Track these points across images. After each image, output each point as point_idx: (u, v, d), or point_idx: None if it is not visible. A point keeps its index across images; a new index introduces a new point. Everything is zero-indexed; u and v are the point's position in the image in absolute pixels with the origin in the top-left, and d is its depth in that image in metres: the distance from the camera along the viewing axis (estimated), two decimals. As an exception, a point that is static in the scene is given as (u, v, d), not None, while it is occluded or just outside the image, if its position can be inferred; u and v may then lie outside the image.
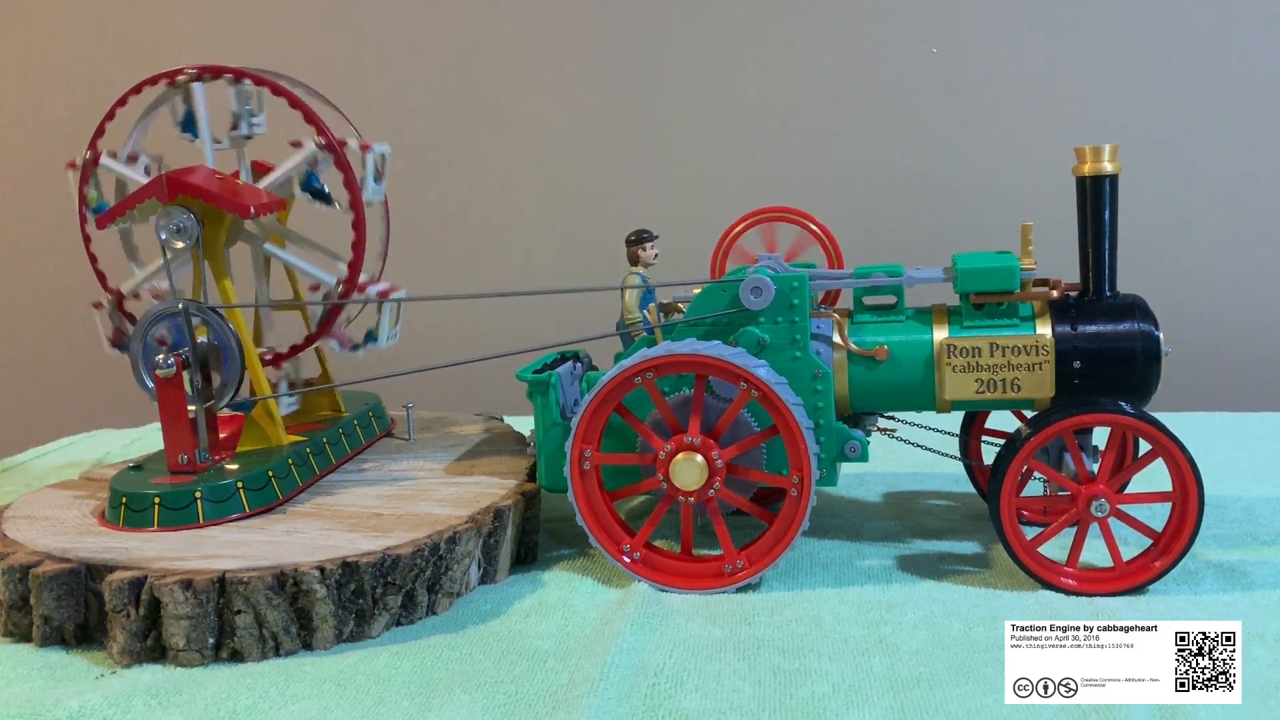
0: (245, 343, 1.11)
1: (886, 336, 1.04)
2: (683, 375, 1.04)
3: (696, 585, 1.02)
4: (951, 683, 0.83)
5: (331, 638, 0.93)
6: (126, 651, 0.91)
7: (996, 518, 0.99)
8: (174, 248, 1.09)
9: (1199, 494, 0.96)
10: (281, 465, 1.10)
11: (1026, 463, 0.99)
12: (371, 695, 0.85)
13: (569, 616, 0.98)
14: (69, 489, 1.17)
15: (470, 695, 0.85)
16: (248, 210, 1.08)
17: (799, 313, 1.02)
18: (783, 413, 0.98)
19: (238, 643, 0.91)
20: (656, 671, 0.86)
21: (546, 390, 1.08)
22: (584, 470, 1.03)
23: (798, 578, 1.04)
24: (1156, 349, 1.00)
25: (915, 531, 1.16)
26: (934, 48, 1.75)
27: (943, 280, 1.06)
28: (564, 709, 0.81)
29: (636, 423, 1.04)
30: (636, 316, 1.12)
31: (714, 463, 1.00)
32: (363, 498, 1.10)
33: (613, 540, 1.04)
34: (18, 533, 1.02)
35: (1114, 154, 1.01)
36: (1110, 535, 0.98)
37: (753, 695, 0.83)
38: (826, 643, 0.91)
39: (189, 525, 1.02)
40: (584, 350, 1.20)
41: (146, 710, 0.84)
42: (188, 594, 0.89)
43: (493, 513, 1.04)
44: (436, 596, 0.99)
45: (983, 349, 1.02)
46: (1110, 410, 0.97)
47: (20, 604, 0.95)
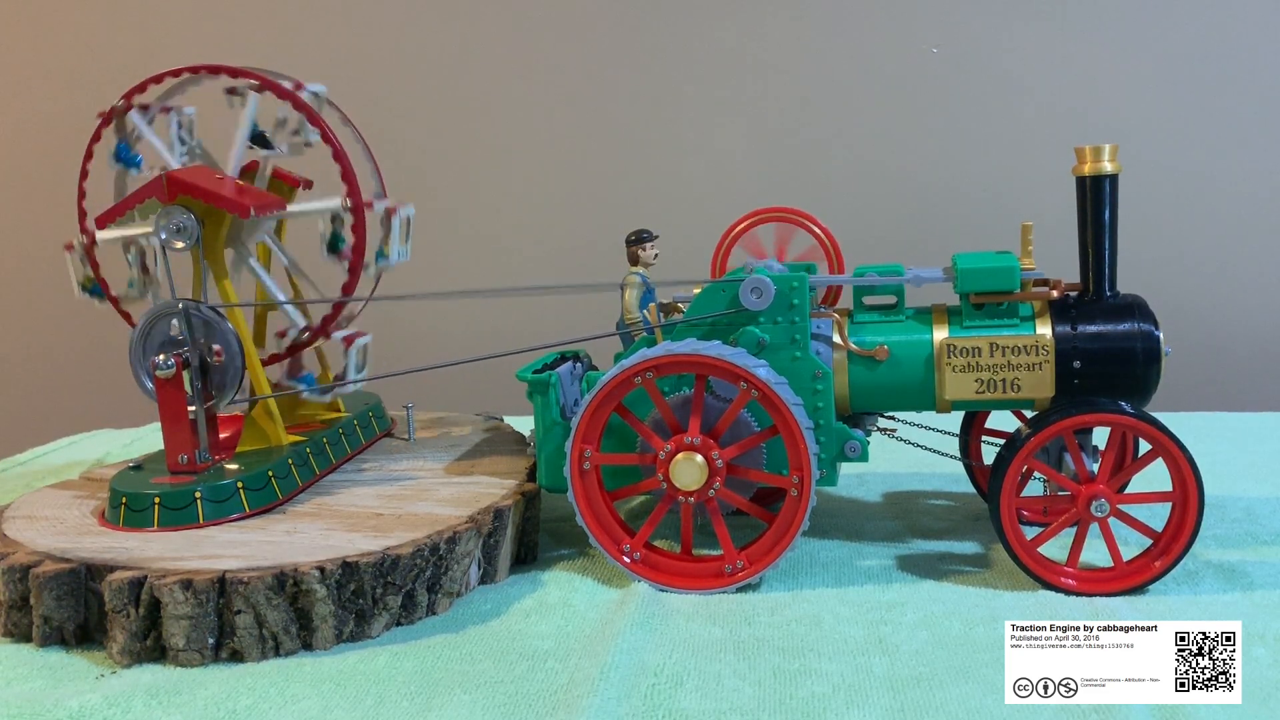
0: (245, 343, 1.11)
1: (886, 336, 1.04)
2: (683, 375, 1.04)
3: (696, 585, 1.02)
4: (951, 683, 0.83)
5: (331, 638, 0.93)
6: (126, 651, 0.91)
7: (996, 518, 0.99)
8: (174, 248, 1.09)
9: (1199, 494, 0.96)
10: (281, 465, 1.10)
11: (1026, 463, 0.99)
12: (371, 695, 0.85)
13: (569, 616, 0.98)
14: (69, 489, 1.17)
15: (470, 695, 0.85)
16: (247, 210, 1.08)
17: (799, 313, 1.02)
18: (783, 413, 0.98)
19: (238, 643, 0.91)
20: (656, 671, 0.86)
21: (546, 390, 1.08)
22: (584, 470, 1.03)
23: (798, 578, 1.04)
24: (1156, 349, 1.00)
25: (915, 531, 1.16)
26: (935, 48, 1.75)
27: (943, 280, 1.06)
28: (564, 709, 0.81)
29: (636, 423, 1.04)
30: (636, 316, 1.12)
31: (714, 463, 1.00)
32: (363, 498, 1.10)
33: (613, 540, 1.04)
34: (18, 533, 1.02)
35: (1114, 154, 1.01)
36: (1110, 535, 0.98)
37: (753, 695, 0.83)
38: (826, 643, 0.91)
39: (189, 525, 1.02)
40: (584, 350, 1.20)
41: (146, 710, 0.84)
42: (188, 594, 0.89)
43: (493, 513, 1.04)
44: (436, 596, 0.99)
45: (983, 349, 1.02)
46: (1110, 410, 0.97)
47: (20, 604, 0.95)
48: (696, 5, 1.79)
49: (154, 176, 1.10)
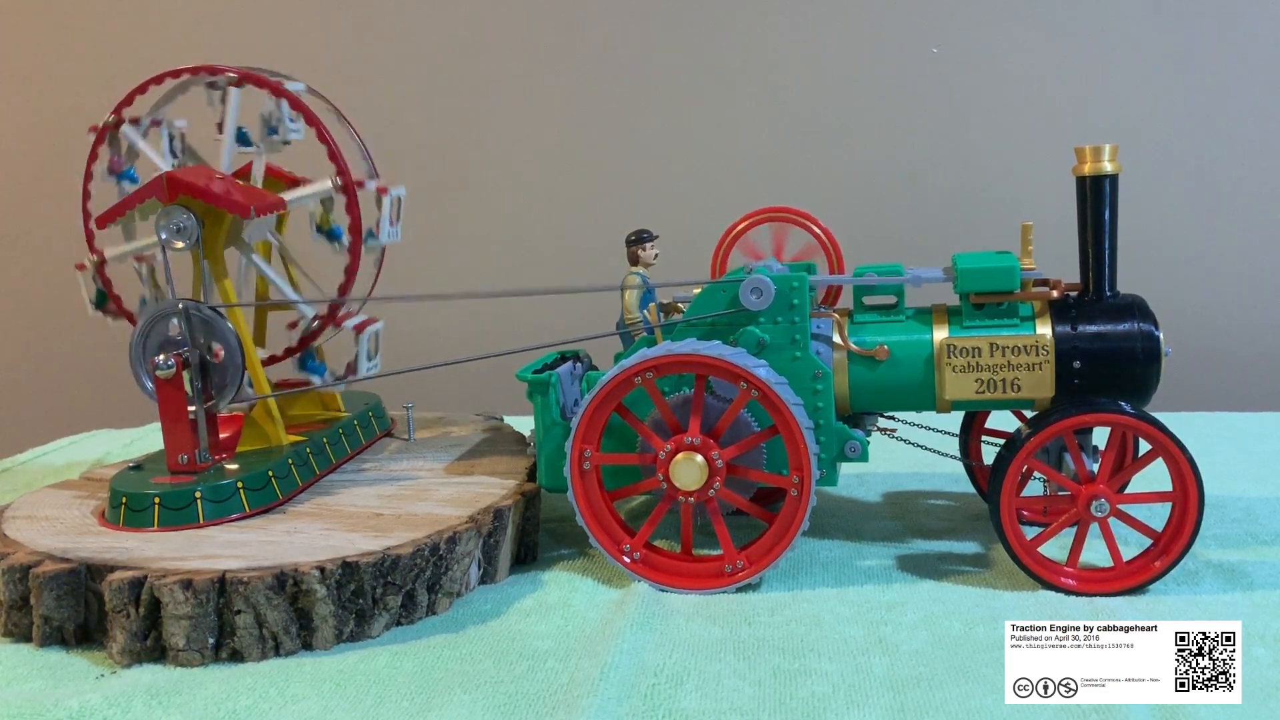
0: (245, 342, 1.11)
1: (886, 336, 1.04)
2: (683, 375, 1.04)
3: (696, 585, 1.02)
4: (951, 683, 0.83)
5: (331, 638, 0.93)
6: (126, 651, 0.91)
7: (996, 518, 0.99)
8: (174, 248, 1.09)
9: (1199, 494, 0.96)
10: (281, 465, 1.10)
11: (1026, 463, 0.99)
12: (371, 695, 0.85)
13: (569, 616, 0.98)
14: (69, 489, 1.17)
15: (470, 695, 0.85)
16: (247, 210, 1.08)
17: (799, 313, 1.02)
18: (783, 413, 0.98)
19: (238, 643, 0.91)
20: (656, 671, 0.86)
21: (546, 390, 1.08)
22: (584, 470, 1.03)
23: (798, 578, 1.04)
24: (1156, 349, 1.00)
25: (915, 531, 1.16)
26: (935, 48, 1.75)
27: (943, 280, 1.06)
28: (564, 709, 0.81)
29: (636, 423, 1.04)
30: (636, 316, 1.12)
31: (714, 463, 1.00)
32: (363, 498, 1.10)
33: (613, 540, 1.04)
34: (18, 533, 1.02)
35: (1114, 154, 1.01)
36: (1110, 535, 0.98)
37: (753, 695, 0.83)
38: (826, 643, 0.91)
39: (189, 525, 1.02)
40: (584, 350, 1.20)
41: (146, 710, 0.84)
42: (188, 594, 0.89)
43: (493, 513, 1.04)
44: (436, 596, 0.99)
45: (983, 349, 1.02)
46: (1110, 410, 0.97)
47: (20, 604, 0.95)
48: (697, 5, 1.79)
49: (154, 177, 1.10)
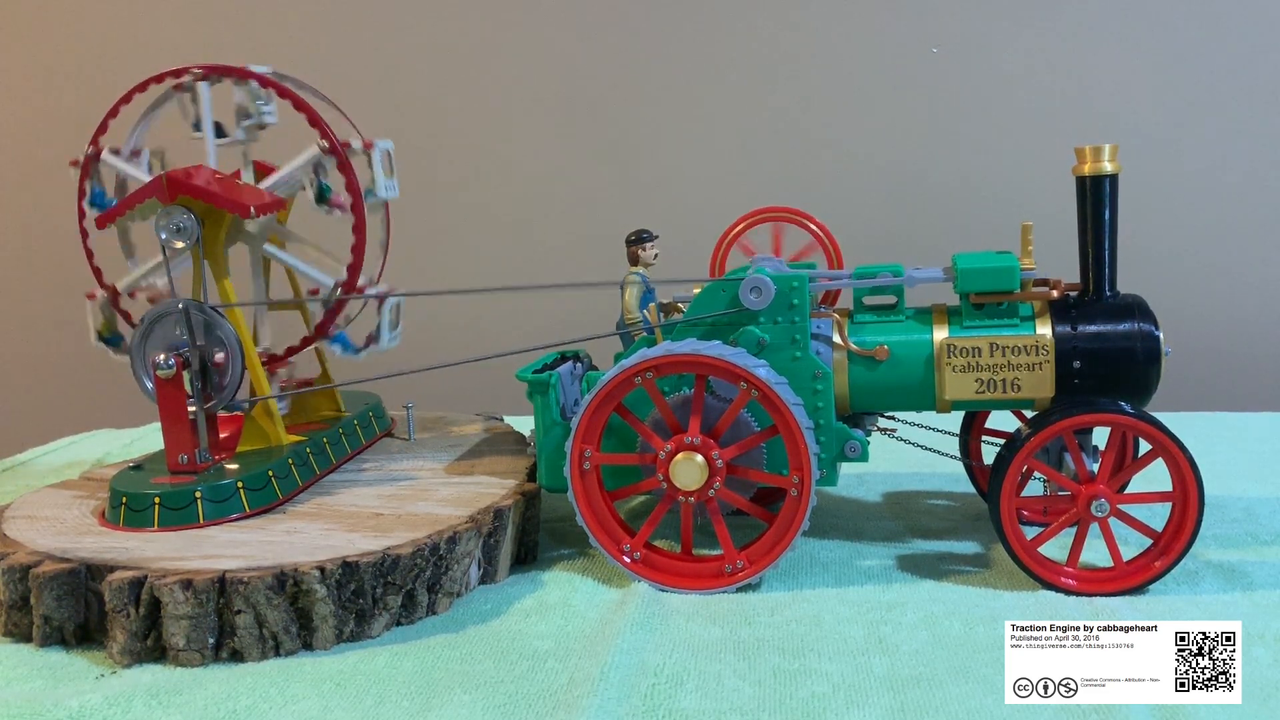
0: (245, 343, 1.11)
1: (886, 336, 1.04)
2: (683, 375, 1.04)
3: (696, 585, 1.02)
4: (951, 683, 0.83)
5: (331, 638, 0.93)
6: (126, 651, 0.91)
7: (996, 518, 0.99)
8: (174, 248, 1.09)
9: (1199, 494, 0.96)
10: (281, 465, 1.10)
11: (1026, 463, 0.99)
12: (371, 695, 0.85)
13: (569, 616, 0.98)
14: (69, 489, 1.17)
15: (470, 695, 0.85)
16: (248, 210, 1.08)
17: (799, 313, 1.02)
18: (783, 413, 0.98)
19: (238, 643, 0.91)
20: (656, 671, 0.86)
21: (546, 390, 1.08)
22: (584, 470, 1.03)
23: (798, 578, 1.04)
24: (1156, 349, 1.00)
25: (915, 531, 1.16)
26: (935, 48, 1.75)
27: (943, 280, 1.06)
28: (564, 709, 0.81)
29: (636, 423, 1.04)
30: (636, 316, 1.12)
31: (714, 463, 1.00)
32: (363, 498, 1.10)
33: (613, 540, 1.04)
34: (18, 533, 1.02)
35: (1114, 154, 1.01)
36: (1110, 535, 0.98)
37: (753, 695, 0.83)
38: (826, 643, 0.91)
39: (189, 525, 1.02)
40: (584, 350, 1.20)
41: (146, 710, 0.84)
42: (188, 594, 0.89)
43: (493, 513, 1.04)
44: (436, 596, 0.99)
45: (983, 349, 1.02)
46: (1110, 410, 0.97)
47: (20, 604, 0.95)
48: (697, 5, 1.79)
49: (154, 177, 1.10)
